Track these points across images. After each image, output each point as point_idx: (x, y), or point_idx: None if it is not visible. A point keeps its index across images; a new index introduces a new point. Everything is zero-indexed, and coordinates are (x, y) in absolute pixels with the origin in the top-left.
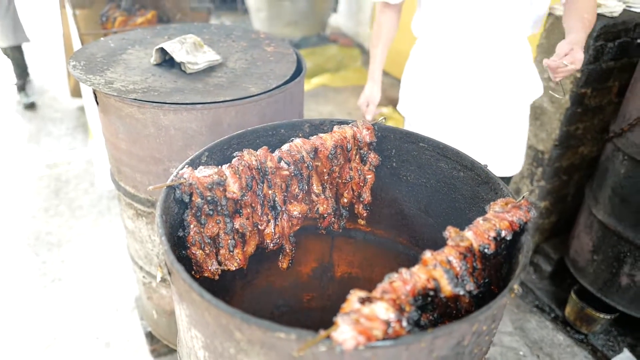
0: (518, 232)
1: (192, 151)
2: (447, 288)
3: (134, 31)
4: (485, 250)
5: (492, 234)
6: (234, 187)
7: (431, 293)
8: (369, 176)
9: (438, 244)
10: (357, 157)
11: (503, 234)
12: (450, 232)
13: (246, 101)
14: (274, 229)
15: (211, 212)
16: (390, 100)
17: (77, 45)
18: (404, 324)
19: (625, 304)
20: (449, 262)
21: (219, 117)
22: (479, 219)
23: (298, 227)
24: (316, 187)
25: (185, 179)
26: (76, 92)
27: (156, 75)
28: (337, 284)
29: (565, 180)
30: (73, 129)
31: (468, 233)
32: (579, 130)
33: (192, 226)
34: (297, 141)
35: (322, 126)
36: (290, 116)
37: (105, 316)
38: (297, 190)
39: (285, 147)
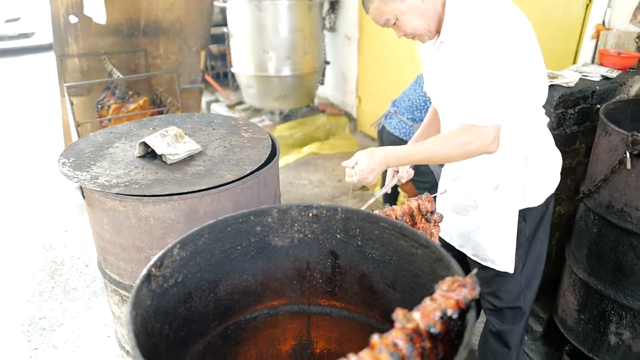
0: (465, 310)
1: (170, 239)
2: None
3: (122, 125)
4: (432, 330)
5: (438, 313)
6: None
7: None
8: (434, 230)
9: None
10: (422, 220)
11: (449, 312)
12: (398, 314)
13: (220, 189)
14: None
15: None
16: None
17: (74, 133)
18: None
19: None
20: (395, 344)
21: (195, 206)
22: (427, 299)
23: None
24: None
25: None
26: None
27: (139, 168)
28: None
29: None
30: (70, 209)
31: (415, 314)
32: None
33: None
34: None
35: (290, 211)
36: (265, 199)
37: None
38: None
39: None
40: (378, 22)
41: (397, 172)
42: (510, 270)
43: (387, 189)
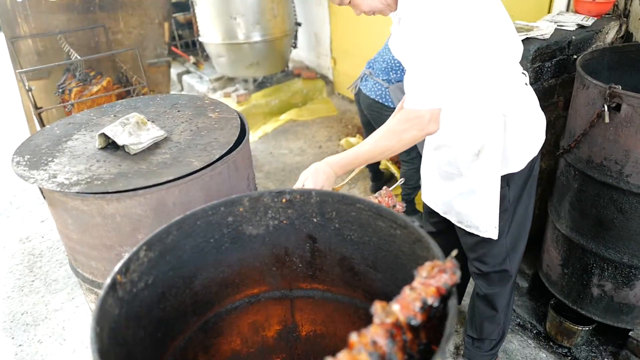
0: (446, 296)
1: (141, 235)
2: None
3: (80, 114)
4: (412, 322)
5: (418, 304)
6: None
7: None
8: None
9: (389, 297)
10: None
11: (430, 301)
12: (377, 308)
13: (188, 179)
14: None
15: None
16: (358, 128)
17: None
18: None
19: (600, 314)
20: (374, 343)
21: (162, 199)
22: (406, 288)
23: None
24: None
25: None
26: None
27: (101, 161)
28: (303, 342)
29: None
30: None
31: (395, 306)
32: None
33: None
34: None
35: (262, 198)
36: (237, 184)
37: None
38: None
39: None
40: (334, 1)
41: None
42: (494, 236)
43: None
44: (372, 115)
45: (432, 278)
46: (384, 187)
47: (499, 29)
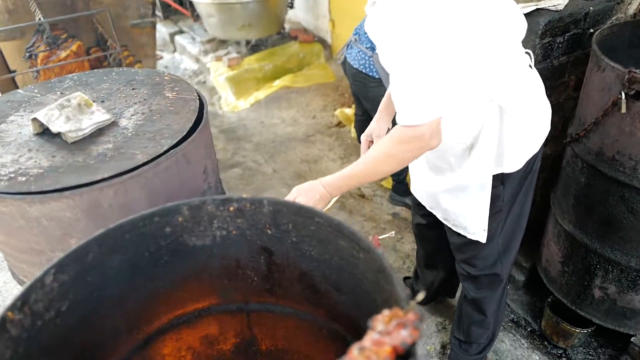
0: (404, 356)
1: (73, 240)
2: None
3: (23, 89)
4: None
5: None
6: None
7: None
8: None
9: (353, 319)
10: None
11: None
12: None
13: (126, 177)
14: None
15: None
16: None
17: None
18: None
19: (600, 316)
20: None
21: (96, 200)
22: (354, 348)
23: None
24: None
25: None
26: None
27: (33, 150)
28: (265, 357)
29: None
30: None
31: None
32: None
33: None
34: None
35: (205, 206)
36: (189, 180)
37: None
38: None
39: None
40: None
41: (372, 142)
42: (483, 240)
43: None
44: (357, 85)
45: (388, 334)
46: (374, 235)
47: (494, 6)
